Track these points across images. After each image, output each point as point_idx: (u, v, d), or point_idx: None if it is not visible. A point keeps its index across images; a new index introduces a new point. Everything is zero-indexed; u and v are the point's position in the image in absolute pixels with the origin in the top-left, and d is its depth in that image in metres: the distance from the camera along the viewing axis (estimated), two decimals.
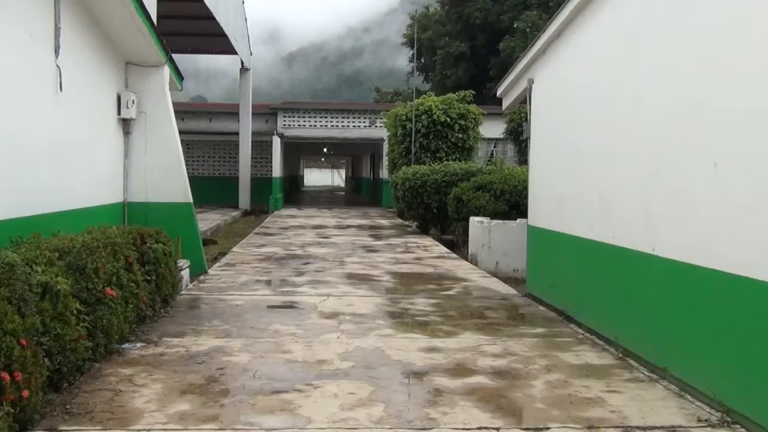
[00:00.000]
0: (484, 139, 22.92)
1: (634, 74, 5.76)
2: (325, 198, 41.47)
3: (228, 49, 22.70)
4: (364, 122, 28.32)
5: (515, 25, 36.32)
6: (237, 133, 26.30)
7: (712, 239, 4.54)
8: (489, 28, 39.82)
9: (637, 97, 5.69)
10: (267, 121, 28.30)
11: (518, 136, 21.49)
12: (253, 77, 26.73)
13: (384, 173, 27.14)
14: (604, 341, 6.16)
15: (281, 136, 27.44)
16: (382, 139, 26.71)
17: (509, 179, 12.58)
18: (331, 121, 28.26)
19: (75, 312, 4.72)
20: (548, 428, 4.12)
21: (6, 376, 3.62)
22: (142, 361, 5.39)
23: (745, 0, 4.32)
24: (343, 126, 28.26)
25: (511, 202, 12.09)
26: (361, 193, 45.63)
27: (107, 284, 5.43)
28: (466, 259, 11.97)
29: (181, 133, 10.16)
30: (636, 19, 5.78)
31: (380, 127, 26.85)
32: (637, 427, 4.15)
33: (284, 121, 28.04)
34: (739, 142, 4.29)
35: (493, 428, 4.10)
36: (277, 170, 26.89)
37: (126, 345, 5.78)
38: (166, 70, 9.52)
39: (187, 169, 10.08)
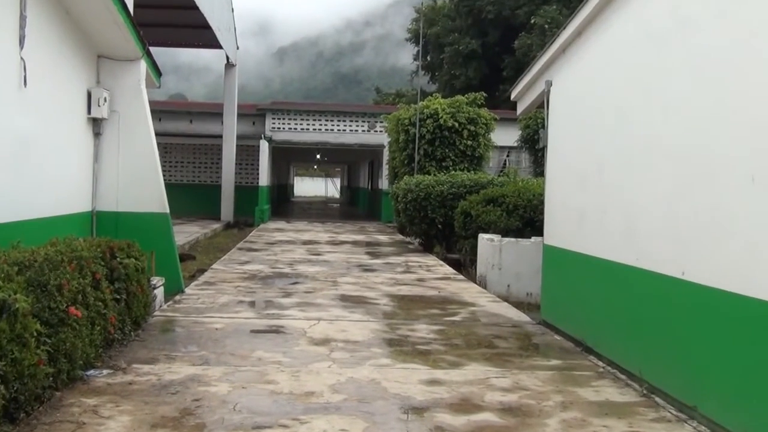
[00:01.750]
0: (496, 147, 22.95)
1: (663, 77, 5.79)
2: (317, 210, 41.49)
3: (212, 42, 22.82)
4: (362, 126, 28.40)
5: (532, 21, 36.53)
6: (220, 136, 26.36)
7: (749, 263, 4.54)
8: (503, 24, 40.05)
9: (666, 103, 5.73)
10: (254, 123, 28.36)
11: (534, 144, 21.51)
12: (239, 74, 26.84)
13: (384, 183, 27.19)
14: (627, 376, 6.16)
15: (269, 140, 27.51)
16: (382, 146, 26.78)
17: (523, 192, 12.61)
18: (325, 125, 28.34)
19: (35, 334, 4.71)
20: None
21: None
22: (108, 390, 5.37)
23: None
24: (338, 130, 28.34)
25: (526, 218, 12.11)
26: (357, 205, 45.67)
27: (72, 303, 5.42)
28: (474, 281, 11.97)
29: (157, 134, 10.20)
30: (666, 16, 5.83)
31: (380, 131, 26.95)
32: None
33: (273, 123, 28.13)
34: None
35: None
36: (264, 178, 26.93)
37: (91, 372, 5.76)
38: (143, 65, 9.57)
39: (164, 176, 10.10)
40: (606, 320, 6.81)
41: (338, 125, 28.38)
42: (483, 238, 11.86)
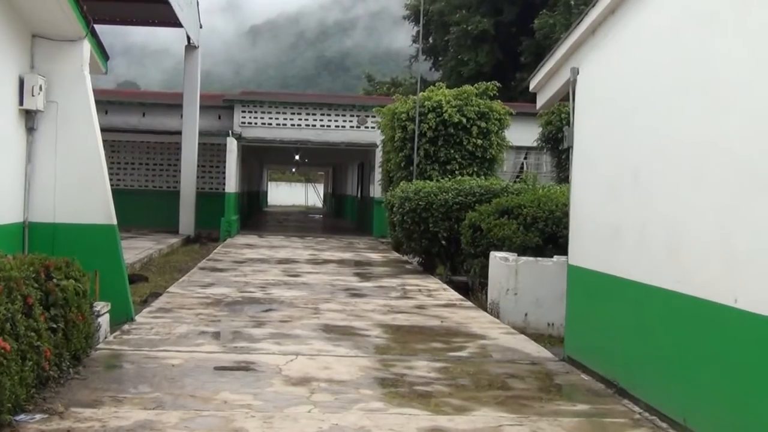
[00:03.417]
0: (511, 147, 23.04)
1: (713, 68, 5.82)
2: (295, 222, 41.51)
3: (169, 19, 22.83)
4: (350, 121, 28.46)
5: None
6: (179, 133, 26.36)
7: None
8: (521, 0, 40.26)
9: (716, 98, 5.75)
10: (220, 118, 28.37)
11: (557, 144, 21.58)
12: (203, 58, 26.88)
13: (376, 190, 27.21)
14: (669, 423, 6.17)
15: (239, 137, 27.52)
16: (375, 145, 26.83)
17: (544, 202, 12.64)
18: (306, 119, 28.38)
19: None
20: None
21: None
22: None
23: None
24: (322, 126, 28.38)
25: (547, 233, 12.13)
26: (344, 216, 45.73)
27: None
28: (485, 309, 11.98)
29: (103, 130, 10.19)
30: None
31: (372, 128, 26.99)
32: None
33: (243, 117, 28.15)
34: None
35: None
36: (232, 184, 26.90)
37: (21, 416, 5.73)
38: (86, 46, 9.57)
39: (111, 180, 10.09)
40: (643, 356, 6.82)
41: (321, 120, 28.42)
42: (495, 256, 11.87)
